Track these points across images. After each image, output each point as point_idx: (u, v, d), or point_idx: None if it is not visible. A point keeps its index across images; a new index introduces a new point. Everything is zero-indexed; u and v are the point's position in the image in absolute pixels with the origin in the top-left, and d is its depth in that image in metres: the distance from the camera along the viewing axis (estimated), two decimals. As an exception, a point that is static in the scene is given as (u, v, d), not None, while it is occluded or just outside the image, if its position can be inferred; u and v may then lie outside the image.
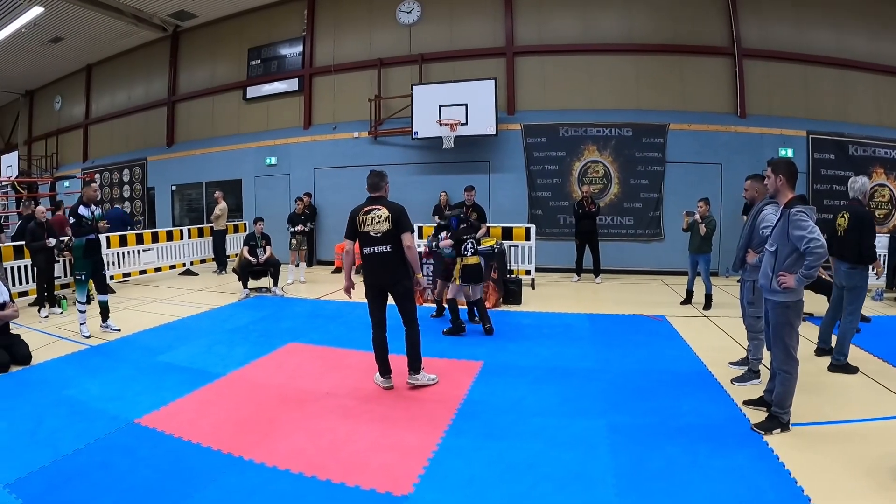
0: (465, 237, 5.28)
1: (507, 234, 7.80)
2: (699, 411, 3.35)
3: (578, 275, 8.39)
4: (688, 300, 6.72)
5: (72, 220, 5.11)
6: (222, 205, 9.59)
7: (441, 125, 9.00)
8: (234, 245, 10.16)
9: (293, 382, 3.97)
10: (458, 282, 5.22)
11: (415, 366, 3.81)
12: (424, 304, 6.68)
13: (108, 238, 7.95)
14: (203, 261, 10.07)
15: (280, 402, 3.58)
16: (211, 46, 12.04)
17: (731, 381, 3.85)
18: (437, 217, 9.02)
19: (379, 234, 3.62)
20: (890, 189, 9.54)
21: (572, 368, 4.27)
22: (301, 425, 3.22)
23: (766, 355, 3.65)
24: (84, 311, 5.20)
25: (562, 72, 9.50)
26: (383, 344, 3.77)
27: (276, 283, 7.51)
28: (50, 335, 5.32)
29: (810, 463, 2.66)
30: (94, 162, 14.25)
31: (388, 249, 3.63)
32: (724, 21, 9.45)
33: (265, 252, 7.30)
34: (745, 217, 8.23)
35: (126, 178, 13.37)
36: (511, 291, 6.59)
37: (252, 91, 11.42)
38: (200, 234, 10.06)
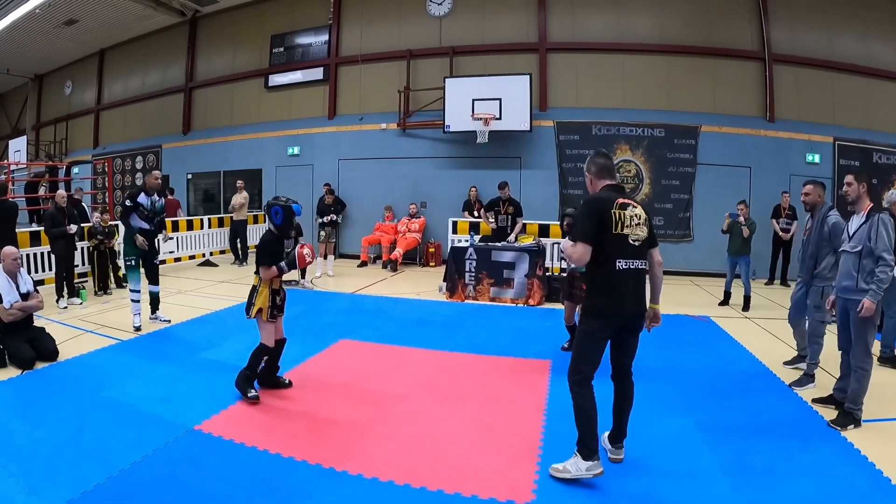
0: None
1: (544, 231, 7.76)
2: (774, 409, 3.42)
3: None
4: (726, 301, 6.73)
5: (127, 203, 4.94)
6: (244, 194, 9.43)
7: (475, 119, 8.92)
8: (255, 236, 10.01)
9: (361, 382, 3.78)
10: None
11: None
12: (466, 301, 6.65)
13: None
14: (223, 251, 9.90)
15: (357, 405, 3.36)
16: (231, 33, 11.85)
17: (790, 384, 3.83)
18: (466, 213, 9.02)
19: (638, 243, 2.51)
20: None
21: (641, 368, 4.19)
22: (389, 430, 3.01)
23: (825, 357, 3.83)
24: (137, 301, 4.93)
25: (594, 70, 9.49)
26: (595, 408, 2.50)
27: (303, 277, 7.31)
28: (73, 328, 4.99)
29: (891, 455, 2.72)
30: (105, 148, 13.96)
31: (645, 266, 2.60)
32: (755, 25, 9.50)
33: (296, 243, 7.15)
34: (775, 221, 8.43)
35: (139, 165, 13.11)
36: (554, 290, 6.53)
37: (274, 79, 11.25)
38: (220, 223, 9.89)
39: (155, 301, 5.21)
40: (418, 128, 9.91)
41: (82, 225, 6.72)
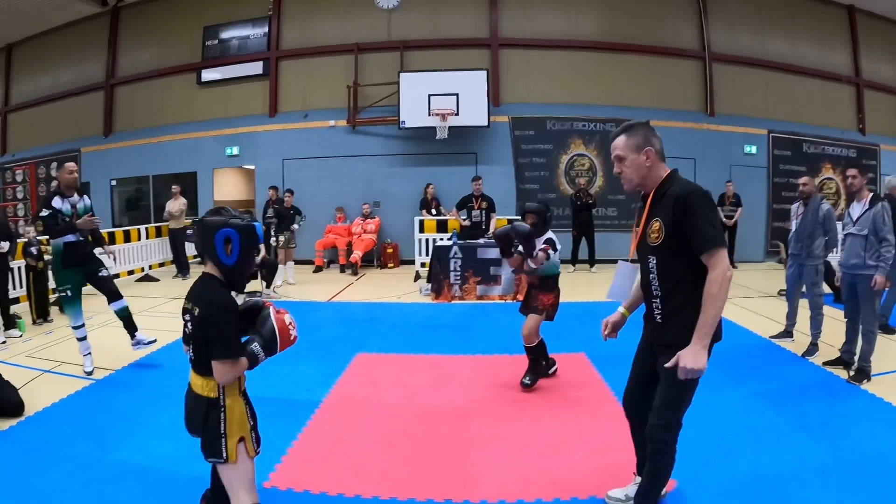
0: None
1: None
2: (799, 374, 3.83)
3: (574, 265, 8.34)
4: None
5: (43, 212, 3.78)
6: (181, 200, 8.58)
7: (434, 115, 8.66)
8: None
9: (413, 401, 3.39)
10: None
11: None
12: (454, 301, 6.37)
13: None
14: (162, 264, 8.97)
15: (425, 426, 2.99)
16: (158, 24, 10.87)
17: (801, 355, 4.17)
18: (424, 211, 8.70)
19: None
20: (836, 182, 10.41)
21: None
22: (479, 452, 2.67)
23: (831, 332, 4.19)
24: (83, 338, 3.83)
25: (546, 66, 9.53)
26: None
27: (268, 286, 6.72)
28: (24, 367, 3.96)
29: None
30: (14, 156, 12.41)
31: None
32: (695, 27, 9.94)
33: (257, 251, 6.42)
34: (720, 209, 8.77)
35: (54, 173, 11.73)
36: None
37: (207, 74, 10.43)
38: (159, 233, 8.96)
39: (128, 322, 4.08)
40: (369, 124, 9.51)
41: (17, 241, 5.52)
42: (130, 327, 4.07)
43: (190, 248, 8.71)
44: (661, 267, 1.83)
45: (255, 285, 6.67)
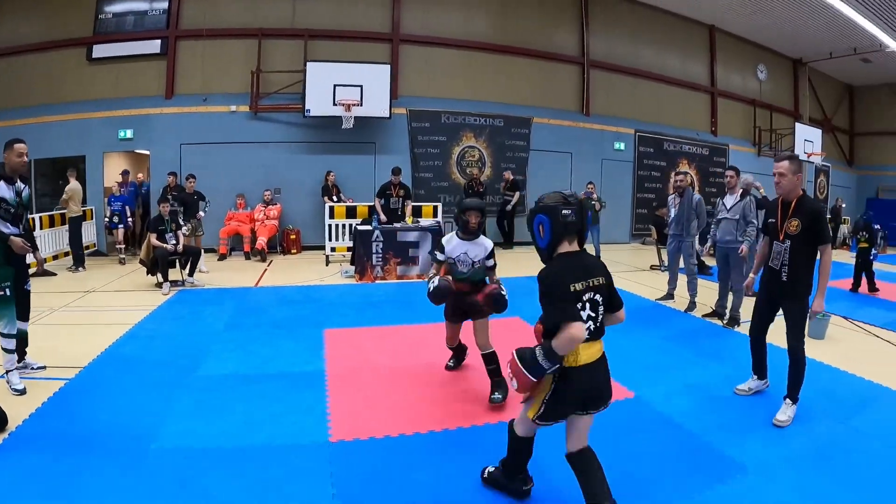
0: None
1: (417, 212, 8.28)
2: (687, 324, 5.09)
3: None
4: None
5: None
6: (73, 185, 7.99)
7: (339, 105, 9.00)
8: (88, 234, 8.81)
9: (403, 362, 3.85)
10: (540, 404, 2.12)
11: None
12: (377, 281, 6.79)
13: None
14: (55, 257, 8.25)
15: (425, 378, 3.54)
16: (41, -7, 10.20)
17: (684, 311, 5.52)
18: (325, 198, 9.00)
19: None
20: (691, 175, 12.17)
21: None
22: (480, 390, 3.31)
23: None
24: (12, 350, 3.20)
25: (443, 63, 10.19)
26: None
27: (191, 274, 6.53)
28: None
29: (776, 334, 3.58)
30: None
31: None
32: (577, 36, 11.11)
33: (176, 237, 6.34)
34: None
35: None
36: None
37: (100, 50, 9.95)
38: (52, 222, 8.27)
39: (22, 344, 3.49)
40: (272, 111, 9.65)
41: None
42: (22, 349, 3.51)
43: (88, 237, 8.39)
44: (793, 249, 3.01)
45: (175, 274, 6.46)
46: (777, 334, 3.26)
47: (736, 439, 2.78)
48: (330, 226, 8.16)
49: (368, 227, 7.08)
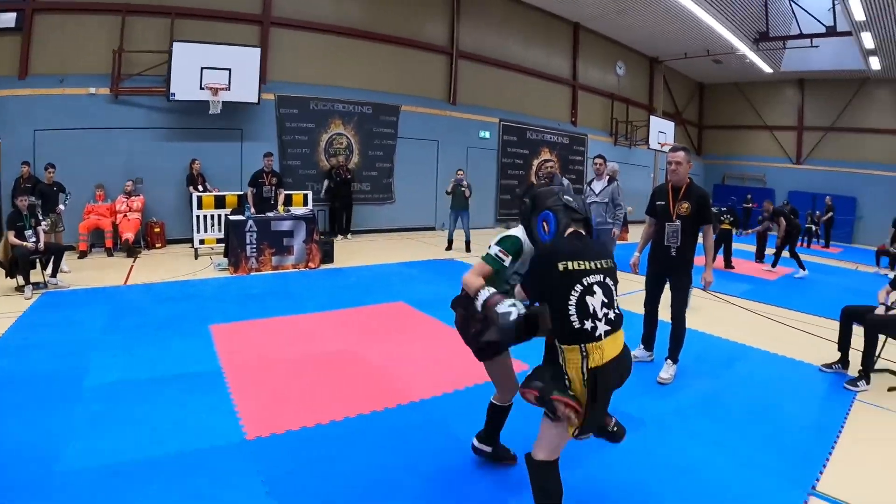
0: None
1: (287, 200, 8.51)
2: None
3: (335, 235, 9.76)
4: (449, 247, 9.00)
5: None
6: None
7: (206, 89, 8.95)
8: None
9: (300, 351, 3.94)
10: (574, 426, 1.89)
11: None
12: (252, 273, 6.70)
13: None
14: None
15: (326, 365, 3.66)
16: None
17: None
18: (191, 188, 8.75)
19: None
20: (553, 162, 13.57)
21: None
22: (382, 373, 3.58)
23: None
24: None
25: (314, 48, 10.37)
26: None
27: (54, 274, 6.01)
28: None
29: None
30: None
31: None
32: (448, 26, 11.78)
33: (36, 234, 5.87)
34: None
35: None
36: (326, 252, 7.52)
37: (-60, 23, 9.44)
38: None
39: None
40: (135, 94, 9.50)
41: None
42: None
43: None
44: (683, 229, 3.48)
45: (36, 275, 5.98)
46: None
47: (631, 399, 3.04)
48: (198, 217, 7.99)
49: (241, 217, 6.96)
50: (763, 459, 2.72)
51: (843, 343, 3.98)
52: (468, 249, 8.97)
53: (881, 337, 3.80)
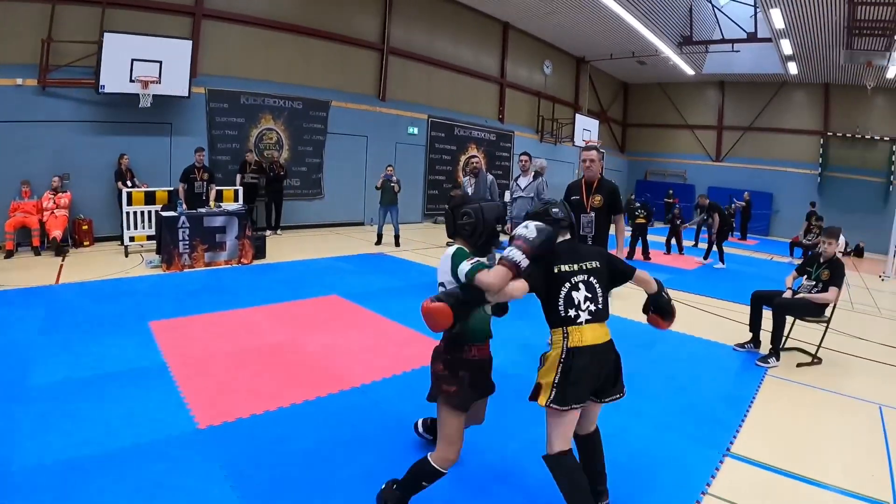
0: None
1: (218, 196, 8.82)
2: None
3: (266, 230, 10.12)
4: (379, 241, 9.40)
5: None
6: None
7: (137, 81, 9.01)
8: None
9: (243, 343, 4.06)
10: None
11: None
12: (185, 269, 6.71)
13: None
14: None
15: (270, 356, 3.82)
16: None
17: None
18: (119, 183, 8.80)
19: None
20: (479, 158, 14.46)
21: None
22: (325, 361, 3.78)
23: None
24: None
25: (245, 42, 10.51)
26: None
27: None
28: None
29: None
30: None
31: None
32: (379, 22, 12.17)
33: None
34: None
35: None
36: (258, 248, 7.73)
37: None
38: None
39: None
40: (62, 86, 9.42)
41: None
42: None
43: None
44: (597, 219, 3.86)
45: None
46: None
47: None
48: (128, 213, 7.93)
49: (173, 213, 6.98)
50: (681, 426, 3.01)
51: (754, 324, 4.39)
52: (397, 244, 9.39)
53: (789, 318, 4.20)
